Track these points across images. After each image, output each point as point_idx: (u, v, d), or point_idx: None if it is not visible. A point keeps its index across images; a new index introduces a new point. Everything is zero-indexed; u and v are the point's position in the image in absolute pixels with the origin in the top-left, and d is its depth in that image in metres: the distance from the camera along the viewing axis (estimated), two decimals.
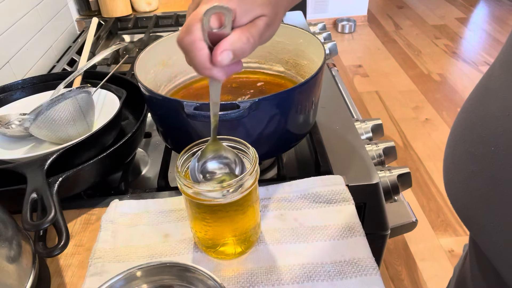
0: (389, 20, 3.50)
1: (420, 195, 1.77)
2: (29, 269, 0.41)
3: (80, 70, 0.71)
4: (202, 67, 0.36)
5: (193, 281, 0.39)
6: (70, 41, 1.19)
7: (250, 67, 0.73)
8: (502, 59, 0.36)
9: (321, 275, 0.45)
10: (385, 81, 2.62)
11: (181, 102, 0.49)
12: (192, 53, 0.35)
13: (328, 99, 0.76)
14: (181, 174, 0.42)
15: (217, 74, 0.36)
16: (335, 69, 1.04)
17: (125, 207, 0.55)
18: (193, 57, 0.36)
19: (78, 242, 0.52)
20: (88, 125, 0.63)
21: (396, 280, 1.44)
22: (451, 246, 1.55)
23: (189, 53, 0.36)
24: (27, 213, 0.44)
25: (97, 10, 1.28)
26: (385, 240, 0.62)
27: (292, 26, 0.66)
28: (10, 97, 0.70)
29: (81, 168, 0.53)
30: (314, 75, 0.53)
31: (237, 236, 0.46)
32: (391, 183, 0.64)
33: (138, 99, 0.65)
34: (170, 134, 0.59)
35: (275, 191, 0.55)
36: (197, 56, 0.35)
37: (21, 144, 0.64)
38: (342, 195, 0.54)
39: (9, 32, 0.89)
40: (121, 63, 0.79)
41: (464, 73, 2.65)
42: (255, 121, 0.52)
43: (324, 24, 1.21)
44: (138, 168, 0.69)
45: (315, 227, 0.50)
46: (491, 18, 3.45)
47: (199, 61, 0.35)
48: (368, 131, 0.76)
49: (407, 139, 2.10)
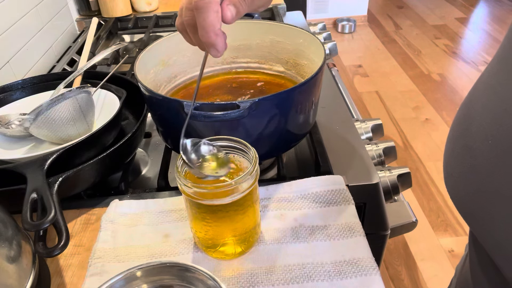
0: (389, 20, 3.50)
1: (420, 195, 1.77)
2: (29, 269, 0.41)
3: (80, 70, 0.71)
4: (213, 29, 0.36)
5: (193, 281, 0.39)
6: (70, 41, 1.19)
7: (250, 67, 0.73)
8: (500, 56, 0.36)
9: (321, 275, 0.45)
10: (385, 81, 2.62)
11: (181, 102, 0.49)
12: (207, 13, 0.36)
13: (328, 99, 0.76)
14: (181, 174, 0.42)
15: (220, 43, 0.37)
16: (335, 69, 1.04)
17: (125, 207, 0.55)
18: (206, 17, 0.36)
19: (78, 242, 0.52)
20: (88, 125, 0.63)
21: (396, 280, 1.44)
22: (451, 246, 1.55)
23: (204, 13, 0.36)
24: (27, 213, 0.44)
25: (97, 10, 1.27)
26: (385, 240, 0.62)
27: (292, 26, 0.66)
28: (10, 97, 0.70)
29: (81, 168, 0.53)
30: (314, 75, 0.53)
31: (237, 236, 0.46)
32: (391, 183, 0.64)
33: (138, 99, 0.65)
34: (170, 134, 0.59)
35: (275, 191, 0.55)
36: (210, 16, 0.36)
37: (21, 144, 0.64)
38: (342, 195, 0.54)
39: (9, 32, 0.89)
40: (121, 63, 0.79)
41: (464, 73, 2.65)
42: (255, 121, 0.52)
43: (324, 24, 1.21)
44: (138, 168, 0.69)
45: (315, 227, 0.50)
46: (491, 18, 3.45)
47: (211, 21, 0.36)
48: (368, 131, 0.76)
49: (407, 139, 2.10)
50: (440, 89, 2.50)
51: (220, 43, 0.37)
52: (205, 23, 0.36)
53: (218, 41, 0.37)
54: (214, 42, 0.37)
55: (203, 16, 0.36)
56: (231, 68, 0.73)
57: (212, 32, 0.36)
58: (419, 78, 2.62)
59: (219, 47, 0.37)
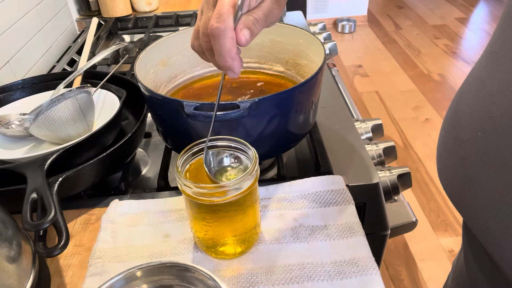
0: (389, 20, 3.50)
1: (420, 195, 1.77)
2: (29, 269, 0.41)
3: (80, 70, 0.71)
4: (229, 55, 0.38)
5: (193, 281, 0.39)
6: (70, 41, 1.19)
7: (250, 67, 0.73)
8: (489, 50, 0.38)
9: (321, 275, 0.45)
10: (385, 81, 2.62)
11: (181, 102, 0.49)
12: (223, 40, 0.37)
13: (328, 99, 0.76)
14: (181, 174, 0.42)
15: (236, 66, 0.39)
16: (335, 69, 1.04)
17: (125, 207, 0.55)
18: (222, 44, 0.37)
19: (78, 242, 0.52)
20: (88, 125, 0.63)
21: (396, 280, 1.44)
22: (451, 246, 1.55)
23: (220, 40, 0.37)
24: (27, 213, 0.44)
25: (97, 10, 1.28)
26: (385, 240, 0.62)
27: (292, 26, 0.66)
28: (10, 97, 0.70)
29: (81, 168, 0.53)
30: (314, 75, 0.53)
31: (237, 236, 0.46)
32: (391, 183, 0.64)
33: (138, 99, 0.65)
34: (170, 134, 0.59)
35: (275, 191, 0.55)
36: (226, 43, 0.37)
37: (21, 144, 0.64)
38: (342, 195, 0.54)
39: (9, 32, 0.89)
40: (121, 63, 0.79)
41: (464, 73, 2.65)
42: (255, 121, 0.52)
43: (324, 24, 1.21)
44: (138, 168, 0.69)
45: (315, 227, 0.50)
46: (491, 18, 3.45)
47: (227, 48, 0.37)
48: (368, 131, 0.76)
49: (407, 139, 2.10)
50: (440, 89, 2.50)
51: (237, 66, 0.39)
52: (222, 50, 0.38)
53: (234, 65, 0.39)
54: (231, 66, 0.39)
55: (220, 43, 0.37)
56: None
57: (228, 57, 0.38)
58: (419, 78, 2.63)
59: (236, 70, 0.40)
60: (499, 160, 0.34)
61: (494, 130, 0.34)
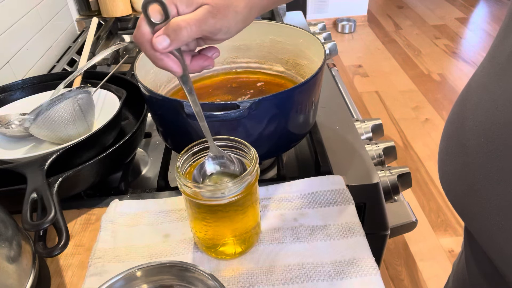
0: (389, 20, 3.50)
1: (420, 195, 1.77)
2: (29, 269, 0.41)
3: (80, 70, 0.71)
4: (155, 57, 0.38)
5: (193, 281, 0.39)
6: (70, 41, 1.19)
7: (250, 67, 0.73)
8: (491, 54, 0.37)
9: (321, 275, 0.45)
10: (385, 81, 2.61)
11: (181, 102, 0.50)
12: (143, 46, 0.37)
13: (328, 99, 0.76)
14: (181, 174, 0.42)
15: (172, 66, 0.38)
16: (335, 69, 1.04)
17: (125, 207, 0.55)
18: (145, 50, 0.38)
19: (78, 242, 0.52)
20: (88, 125, 0.63)
21: (396, 280, 1.44)
22: (451, 246, 1.55)
23: (142, 47, 0.38)
24: (27, 213, 0.44)
25: (97, 10, 1.28)
26: (385, 240, 0.62)
27: (292, 26, 0.66)
28: (10, 97, 0.70)
29: (81, 168, 0.53)
30: (314, 75, 0.53)
31: (237, 236, 0.46)
32: (391, 183, 0.64)
33: (138, 99, 0.65)
34: (170, 134, 0.59)
35: (275, 191, 0.55)
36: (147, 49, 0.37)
37: (21, 144, 0.64)
38: (342, 195, 0.54)
39: (9, 32, 0.89)
40: (121, 63, 0.79)
41: (464, 73, 2.64)
42: (255, 121, 0.52)
43: (324, 24, 1.21)
44: (138, 168, 0.69)
45: (315, 227, 0.50)
46: (491, 18, 3.45)
47: (150, 53, 0.38)
48: (368, 131, 0.76)
49: (407, 139, 2.10)
50: (440, 89, 2.50)
51: (173, 65, 0.38)
52: (147, 55, 0.38)
53: (168, 65, 0.38)
54: (165, 66, 0.38)
55: (143, 50, 0.38)
56: (231, 68, 0.73)
57: (156, 60, 0.38)
58: (419, 78, 2.62)
59: (172, 69, 0.38)
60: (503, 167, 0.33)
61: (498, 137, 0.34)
